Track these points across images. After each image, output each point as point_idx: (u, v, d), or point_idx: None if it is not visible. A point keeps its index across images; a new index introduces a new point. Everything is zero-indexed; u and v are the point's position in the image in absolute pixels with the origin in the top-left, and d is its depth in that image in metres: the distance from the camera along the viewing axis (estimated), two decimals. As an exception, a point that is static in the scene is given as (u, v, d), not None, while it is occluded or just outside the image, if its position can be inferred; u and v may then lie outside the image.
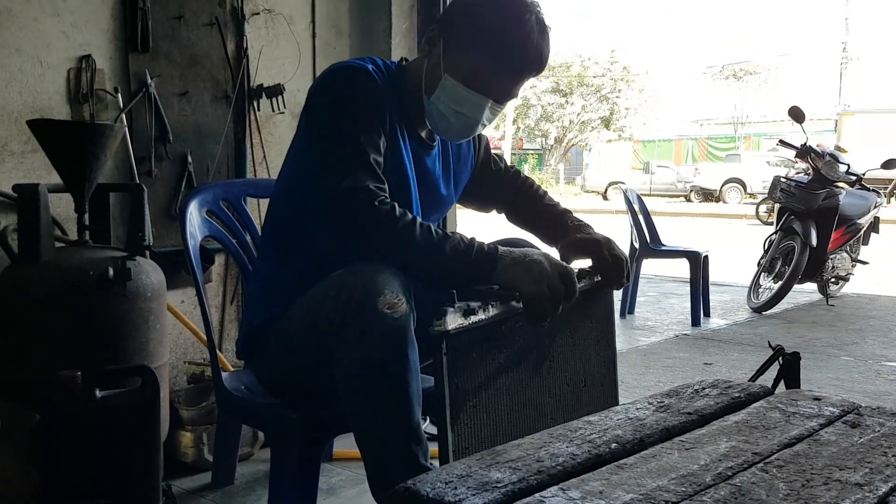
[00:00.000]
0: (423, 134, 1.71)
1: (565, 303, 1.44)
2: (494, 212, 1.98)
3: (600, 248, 1.67)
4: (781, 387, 1.83)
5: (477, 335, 1.41)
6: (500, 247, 1.48)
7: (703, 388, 1.25)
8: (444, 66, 1.57)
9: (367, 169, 1.47)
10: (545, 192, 1.93)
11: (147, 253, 2.15)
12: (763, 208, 14.47)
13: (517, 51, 1.54)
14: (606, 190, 23.92)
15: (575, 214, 1.87)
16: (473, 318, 1.38)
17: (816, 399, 1.20)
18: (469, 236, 1.50)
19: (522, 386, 1.52)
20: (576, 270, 1.60)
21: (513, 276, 1.42)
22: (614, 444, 1.01)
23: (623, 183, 20.96)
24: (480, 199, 1.97)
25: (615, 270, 1.66)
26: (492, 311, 1.42)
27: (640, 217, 5.16)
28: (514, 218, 1.95)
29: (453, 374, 1.35)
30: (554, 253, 1.63)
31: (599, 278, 1.67)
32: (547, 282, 1.42)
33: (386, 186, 1.50)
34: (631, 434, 1.04)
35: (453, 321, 1.34)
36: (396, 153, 1.61)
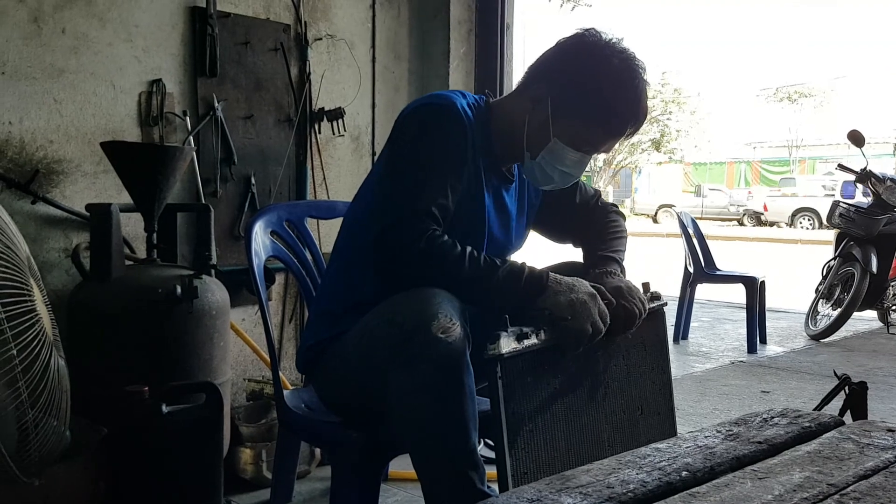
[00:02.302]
0: (505, 169, 1.72)
1: (595, 343, 1.49)
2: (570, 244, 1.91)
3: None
4: (847, 417, 1.80)
5: (531, 359, 1.42)
6: (551, 274, 1.49)
7: (772, 417, 1.24)
8: (554, 131, 1.58)
9: (423, 212, 1.48)
10: (617, 238, 1.81)
11: (212, 271, 2.20)
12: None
13: (631, 117, 1.58)
14: (657, 213, 23.67)
15: (620, 261, 1.75)
16: (527, 342, 1.39)
17: (890, 430, 1.18)
18: (520, 262, 1.50)
19: (578, 412, 1.52)
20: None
21: (555, 304, 1.45)
22: (685, 473, 1.00)
23: (674, 206, 20.72)
24: (552, 228, 1.91)
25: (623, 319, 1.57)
26: (544, 336, 1.43)
27: (695, 241, 5.10)
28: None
29: (509, 398, 1.36)
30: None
31: (654, 298, 1.70)
32: (590, 320, 1.45)
33: (440, 227, 1.50)
34: (701, 462, 1.04)
35: (507, 345, 1.36)
36: (477, 190, 1.62)
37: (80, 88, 2.31)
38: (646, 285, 1.70)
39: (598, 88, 1.53)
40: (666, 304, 1.76)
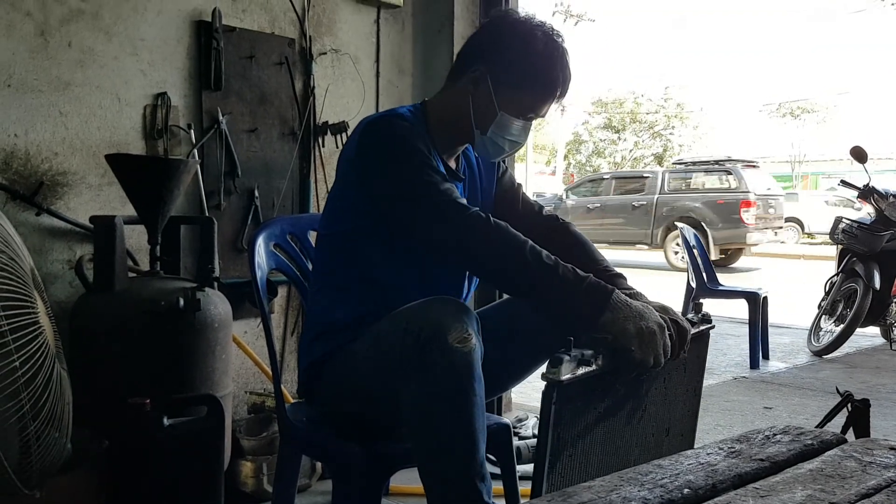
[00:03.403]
0: (453, 166, 1.76)
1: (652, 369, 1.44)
2: None
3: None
4: (850, 434, 1.79)
5: (586, 385, 1.38)
6: (617, 292, 1.45)
7: (775, 435, 1.23)
8: (499, 105, 1.65)
9: (451, 188, 1.54)
10: (593, 248, 1.79)
11: (215, 284, 2.21)
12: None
13: (560, 76, 1.66)
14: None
15: (626, 276, 1.73)
16: (586, 369, 1.35)
17: (893, 448, 1.17)
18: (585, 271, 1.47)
19: (614, 435, 1.49)
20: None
21: (621, 329, 1.40)
22: (686, 490, 1.00)
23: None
24: None
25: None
26: (600, 362, 1.38)
27: (697, 256, 5.10)
28: None
29: (557, 423, 1.33)
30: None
31: (705, 320, 1.67)
32: (654, 353, 1.41)
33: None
34: (703, 480, 1.04)
35: (567, 371, 1.32)
36: None
37: (86, 101, 2.32)
38: (698, 306, 1.69)
39: (531, 60, 1.63)
40: (714, 326, 1.71)
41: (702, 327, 1.66)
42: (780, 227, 13.15)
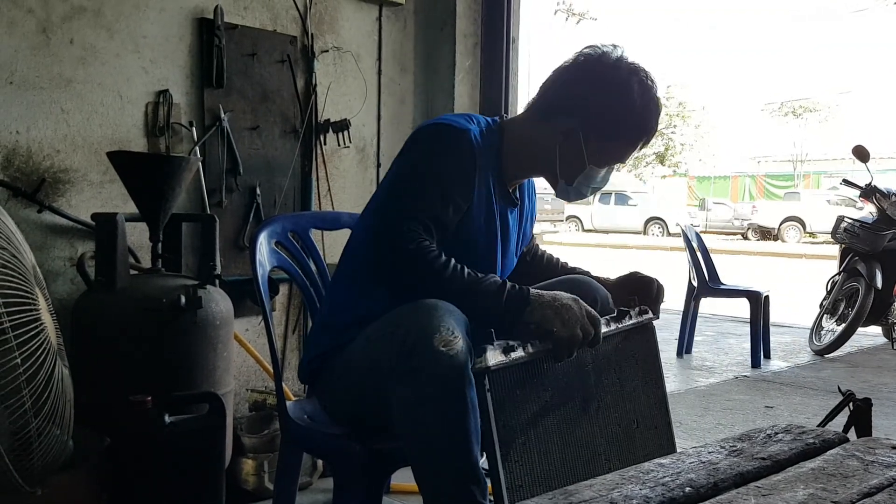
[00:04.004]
0: (512, 191, 1.76)
1: (588, 347, 1.52)
2: None
3: (636, 276, 1.82)
4: (851, 434, 1.79)
5: (519, 372, 1.43)
6: (531, 289, 1.51)
7: (776, 433, 1.23)
8: (588, 158, 1.66)
9: (419, 220, 1.52)
10: (566, 262, 1.98)
11: (216, 282, 2.21)
12: None
13: (653, 126, 1.68)
14: (646, 226, 23.30)
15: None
16: (514, 355, 1.41)
17: (895, 448, 1.17)
18: (500, 278, 1.52)
19: (572, 425, 1.53)
20: (615, 311, 1.67)
21: (542, 317, 1.46)
22: (688, 488, 1.00)
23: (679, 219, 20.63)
24: None
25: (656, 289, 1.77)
26: (531, 349, 1.44)
27: (699, 255, 5.09)
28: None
29: (499, 410, 1.37)
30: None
31: (643, 312, 1.71)
32: (579, 324, 1.47)
33: (433, 239, 1.53)
34: (705, 478, 1.03)
35: (494, 358, 1.37)
36: (490, 213, 1.67)
37: (88, 98, 2.32)
38: (632, 301, 1.71)
39: (626, 115, 1.62)
40: (654, 317, 1.75)
41: (642, 318, 1.70)
42: (560, 220, 15.76)
